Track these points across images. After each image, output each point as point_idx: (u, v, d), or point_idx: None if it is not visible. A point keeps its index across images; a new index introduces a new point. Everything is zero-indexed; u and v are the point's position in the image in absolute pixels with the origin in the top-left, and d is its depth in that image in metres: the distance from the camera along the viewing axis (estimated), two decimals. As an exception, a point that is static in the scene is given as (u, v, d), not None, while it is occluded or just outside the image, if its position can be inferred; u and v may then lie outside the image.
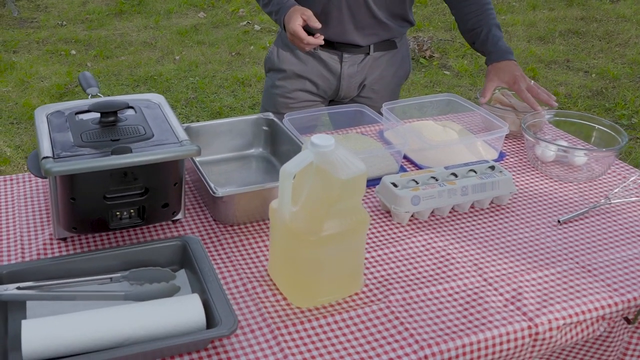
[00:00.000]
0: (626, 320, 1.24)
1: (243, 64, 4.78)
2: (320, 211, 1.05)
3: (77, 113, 1.28)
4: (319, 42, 1.73)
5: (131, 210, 1.21)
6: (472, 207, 1.46)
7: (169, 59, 4.83)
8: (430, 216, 1.42)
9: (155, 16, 5.72)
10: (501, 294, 1.18)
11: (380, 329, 1.09)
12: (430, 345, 1.05)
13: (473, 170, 1.48)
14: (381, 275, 1.22)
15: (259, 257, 1.25)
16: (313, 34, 1.74)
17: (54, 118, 1.27)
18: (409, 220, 1.40)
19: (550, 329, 1.12)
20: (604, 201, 1.49)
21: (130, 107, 1.30)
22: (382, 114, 1.72)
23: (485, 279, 1.22)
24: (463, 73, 4.65)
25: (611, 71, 4.64)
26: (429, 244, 1.32)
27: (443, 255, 1.29)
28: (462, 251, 1.30)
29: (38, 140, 1.20)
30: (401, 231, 1.36)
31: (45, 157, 1.13)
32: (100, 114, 1.23)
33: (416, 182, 1.42)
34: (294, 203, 1.08)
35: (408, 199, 1.36)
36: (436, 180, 1.44)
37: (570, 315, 1.15)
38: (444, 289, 1.19)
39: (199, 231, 1.33)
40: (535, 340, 1.12)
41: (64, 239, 1.26)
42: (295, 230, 1.07)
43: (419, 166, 1.63)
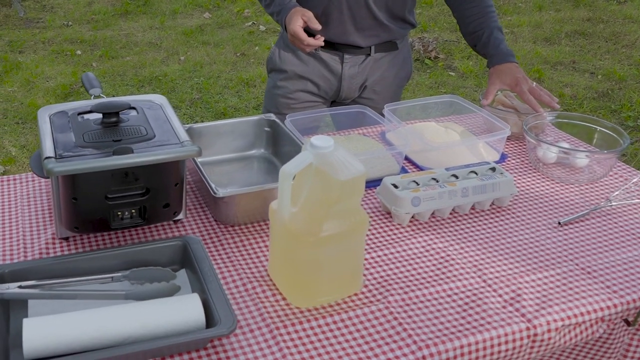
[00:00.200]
0: (626, 322, 1.24)
1: (248, 64, 4.79)
2: (320, 212, 1.06)
3: (80, 114, 1.30)
4: (319, 44, 1.74)
5: (132, 211, 1.22)
6: (473, 209, 1.46)
7: (174, 60, 4.85)
8: (431, 217, 1.42)
9: (160, 16, 5.74)
10: (500, 295, 1.19)
11: (379, 329, 1.09)
12: (428, 346, 1.06)
13: (474, 172, 1.48)
14: (380, 276, 1.23)
15: (259, 258, 1.26)
16: (314, 35, 1.75)
17: (57, 118, 1.28)
18: (410, 222, 1.40)
19: (548, 331, 1.13)
20: (604, 203, 1.49)
21: (132, 108, 1.31)
22: (384, 115, 1.73)
23: (485, 280, 1.23)
24: (468, 74, 4.65)
25: (617, 72, 4.63)
26: (429, 245, 1.33)
27: (443, 257, 1.29)
28: (462, 252, 1.31)
29: (41, 141, 1.21)
30: (401, 232, 1.37)
31: (47, 157, 1.15)
32: (103, 115, 1.24)
33: (417, 184, 1.42)
34: (294, 204, 1.09)
35: (408, 200, 1.36)
36: (437, 181, 1.44)
37: (569, 317, 1.15)
38: (443, 290, 1.20)
39: (200, 231, 1.34)
40: (533, 341, 1.12)
41: (66, 239, 1.27)
42: (295, 231, 1.08)
43: (420, 167, 1.63)
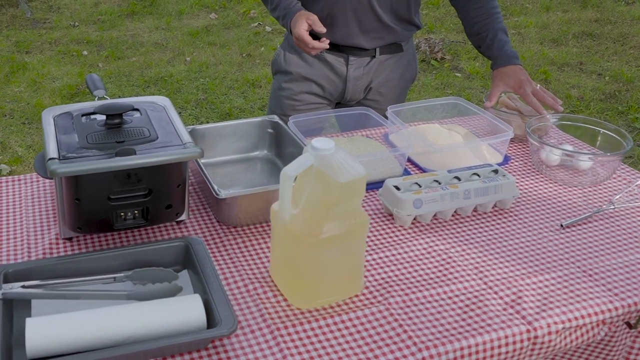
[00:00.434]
0: (628, 325, 1.24)
1: (253, 65, 4.80)
2: (320, 214, 1.06)
3: (84, 115, 1.30)
4: (324, 47, 1.75)
5: (135, 211, 1.23)
6: (475, 211, 1.46)
7: (180, 60, 4.86)
8: (433, 219, 1.43)
9: (166, 17, 5.76)
10: (501, 298, 1.19)
11: (379, 330, 1.10)
12: (428, 348, 1.06)
13: (476, 174, 1.48)
14: (382, 278, 1.23)
15: (260, 259, 1.27)
16: (319, 38, 1.76)
17: (61, 120, 1.29)
18: (412, 223, 1.41)
19: (549, 333, 1.13)
20: (607, 206, 1.49)
21: (135, 110, 1.32)
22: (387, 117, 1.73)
23: (486, 283, 1.23)
24: (474, 75, 4.65)
25: (625, 74, 4.61)
26: (431, 247, 1.33)
27: (444, 259, 1.29)
28: (464, 254, 1.31)
29: (44, 142, 1.22)
30: (403, 234, 1.37)
31: (51, 159, 1.15)
32: (106, 116, 1.25)
33: (419, 186, 1.43)
34: (295, 205, 1.09)
35: (410, 202, 1.37)
36: (439, 183, 1.44)
37: (569, 320, 1.15)
38: (444, 292, 1.20)
39: (203, 232, 1.34)
40: (534, 344, 1.12)
41: (69, 239, 1.28)
42: (295, 233, 1.08)
43: (423, 169, 1.63)
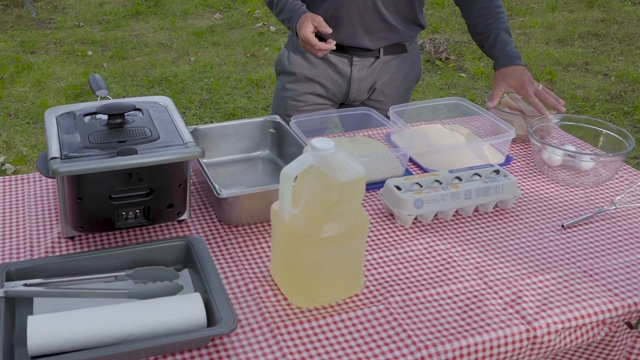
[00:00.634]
0: (628, 325, 1.24)
1: (258, 65, 4.81)
2: (320, 213, 1.07)
3: (86, 115, 1.31)
4: (331, 47, 1.75)
5: (137, 211, 1.24)
6: (476, 211, 1.47)
7: (184, 60, 4.88)
8: (434, 219, 1.43)
9: (171, 17, 5.78)
10: (501, 297, 1.19)
11: (378, 330, 1.10)
12: (427, 347, 1.06)
13: (477, 174, 1.48)
14: (382, 277, 1.23)
15: (261, 258, 1.27)
16: (325, 40, 1.76)
17: (63, 120, 1.30)
18: (413, 223, 1.41)
19: (548, 333, 1.13)
20: (609, 206, 1.49)
21: (137, 110, 1.33)
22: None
23: (486, 282, 1.23)
24: (479, 75, 4.64)
25: (631, 74, 4.60)
26: (431, 246, 1.33)
27: (444, 258, 1.30)
28: (464, 254, 1.31)
29: (47, 141, 1.23)
30: (404, 234, 1.37)
31: (53, 158, 1.16)
32: (108, 116, 1.26)
33: (420, 186, 1.43)
34: (295, 205, 1.10)
35: (411, 202, 1.37)
36: (440, 183, 1.44)
37: (569, 320, 1.15)
38: (444, 292, 1.20)
39: (204, 231, 1.35)
40: (533, 343, 1.12)
41: (71, 238, 1.29)
42: (295, 232, 1.09)
43: (425, 169, 1.63)
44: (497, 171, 1.50)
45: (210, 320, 1.06)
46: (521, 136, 1.78)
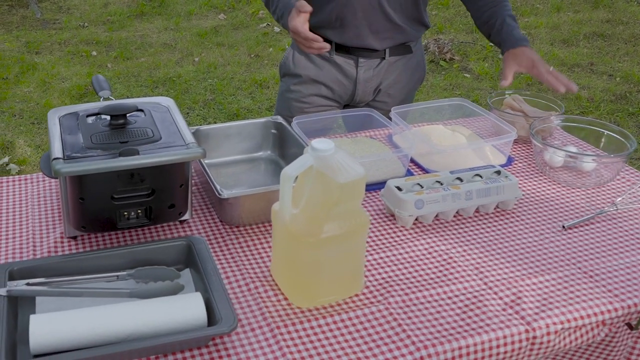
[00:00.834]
0: (629, 326, 1.24)
1: (262, 65, 4.82)
2: (320, 214, 1.07)
3: (89, 115, 1.32)
4: (323, 46, 1.66)
5: (138, 211, 1.24)
6: (477, 212, 1.47)
7: (188, 61, 4.89)
8: (435, 220, 1.43)
9: (175, 18, 5.79)
10: (501, 298, 1.19)
11: (378, 330, 1.11)
12: (426, 347, 1.07)
13: (478, 175, 1.49)
14: (382, 278, 1.24)
15: (262, 258, 1.28)
16: (324, 39, 1.74)
17: (66, 120, 1.31)
18: (413, 224, 1.41)
19: (548, 333, 1.13)
20: (610, 207, 1.49)
21: (139, 110, 1.34)
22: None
23: (486, 283, 1.23)
24: (483, 76, 4.64)
25: (636, 75, 4.59)
26: (432, 247, 1.34)
27: (445, 259, 1.30)
28: (465, 255, 1.32)
29: (50, 142, 1.24)
30: (405, 234, 1.38)
31: (55, 158, 1.17)
32: (110, 117, 1.27)
33: (421, 186, 1.43)
34: (295, 205, 1.10)
35: (412, 202, 1.37)
36: (441, 184, 1.45)
37: (568, 320, 1.15)
38: (444, 292, 1.20)
39: (206, 231, 1.36)
40: (532, 344, 1.13)
41: (74, 238, 1.30)
42: (295, 232, 1.09)
43: (426, 170, 1.64)
44: (498, 172, 1.50)
45: (211, 319, 1.07)
46: (523, 137, 1.78)
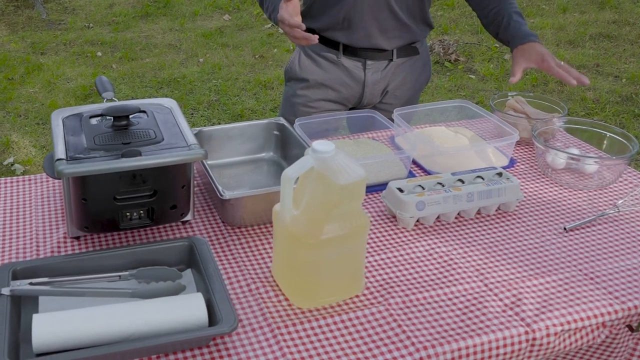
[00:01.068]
0: (629, 328, 1.24)
1: (266, 66, 4.83)
2: (321, 215, 1.08)
3: (92, 117, 1.33)
4: (309, 38, 1.59)
5: (140, 211, 1.25)
6: (479, 213, 1.47)
7: (193, 62, 4.90)
8: (436, 222, 1.44)
9: (180, 18, 5.81)
10: (501, 299, 1.20)
11: (378, 330, 1.11)
12: (426, 348, 1.07)
13: (480, 177, 1.49)
14: (383, 279, 1.24)
15: (264, 259, 1.29)
16: (313, 32, 1.70)
17: (69, 121, 1.32)
18: (415, 225, 1.42)
19: (547, 335, 1.14)
20: (611, 209, 1.49)
21: (142, 112, 1.35)
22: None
23: (486, 284, 1.24)
24: (488, 77, 4.63)
25: (642, 76, 4.58)
26: (433, 249, 1.34)
27: (446, 260, 1.30)
28: (465, 256, 1.32)
29: (53, 143, 1.25)
30: (406, 236, 1.38)
31: (59, 159, 1.18)
32: (113, 118, 1.28)
33: (422, 188, 1.44)
34: (296, 207, 1.11)
35: (413, 204, 1.38)
36: (442, 186, 1.45)
37: (568, 322, 1.16)
38: (444, 294, 1.21)
39: (208, 232, 1.36)
40: (532, 345, 1.13)
41: (77, 238, 1.31)
42: (296, 233, 1.10)
43: (428, 172, 1.64)
44: (500, 174, 1.50)
45: (212, 319, 1.08)
46: (525, 139, 1.78)
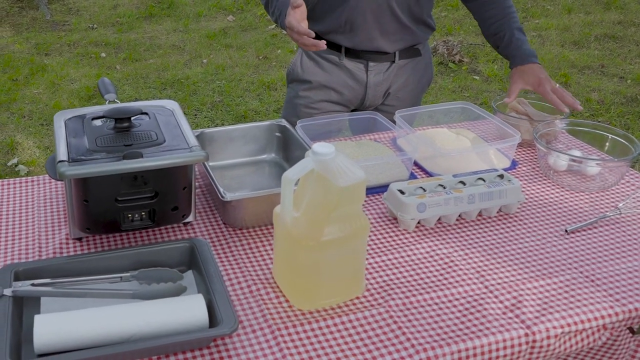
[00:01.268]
0: (630, 330, 1.24)
1: (270, 67, 4.83)
2: (321, 217, 1.08)
3: (94, 119, 1.34)
4: (317, 44, 1.58)
5: (142, 213, 1.26)
6: (480, 215, 1.47)
7: (197, 62, 4.91)
8: (437, 223, 1.44)
9: (184, 19, 5.82)
10: (501, 302, 1.20)
11: (378, 332, 1.11)
12: (426, 350, 1.08)
13: (481, 179, 1.49)
14: (383, 280, 1.25)
15: (264, 260, 1.29)
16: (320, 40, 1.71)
17: (72, 123, 1.33)
18: (416, 227, 1.42)
19: (548, 337, 1.14)
20: (613, 211, 1.49)
21: (144, 113, 1.35)
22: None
23: (487, 287, 1.24)
24: (492, 78, 4.63)
25: (647, 77, 4.57)
26: (433, 250, 1.34)
27: (446, 262, 1.31)
28: (466, 258, 1.32)
29: (55, 145, 1.26)
30: (407, 238, 1.38)
31: (60, 161, 1.19)
32: (115, 120, 1.28)
33: (423, 190, 1.44)
34: (296, 209, 1.11)
35: (414, 206, 1.38)
36: (444, 188, 1.45)
37: (569, 324, 1.16)
38: (444, 295, 1.21)
39: (209, 234, 1.37)
40: (532, 347, 1.13)
41: (79, 239, 1.31)
42: (296, 235, 1.10)
43: (430, 174, 1.64)
44: (501, 176, 1.50)
45: (213, 321, 1.08)
46: (527, 141, 1.78)
